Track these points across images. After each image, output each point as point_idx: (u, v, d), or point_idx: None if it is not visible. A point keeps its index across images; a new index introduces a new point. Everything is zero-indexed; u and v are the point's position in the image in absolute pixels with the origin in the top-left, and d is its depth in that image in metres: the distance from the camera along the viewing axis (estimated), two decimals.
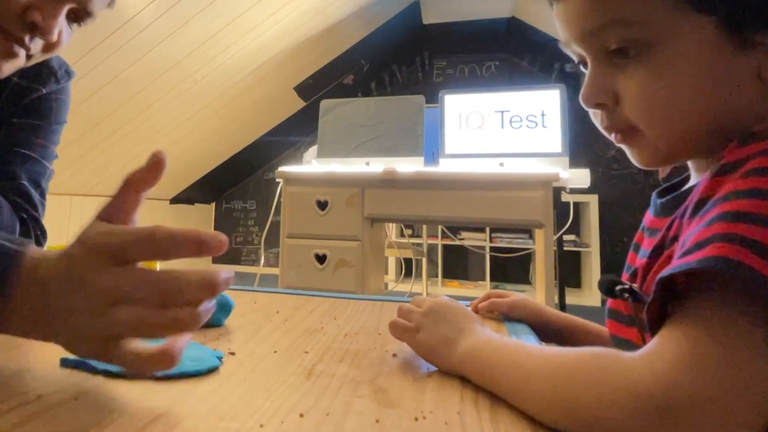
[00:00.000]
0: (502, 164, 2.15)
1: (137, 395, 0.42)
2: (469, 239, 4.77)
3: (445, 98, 2.30)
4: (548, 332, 0.74)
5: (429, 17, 4.70)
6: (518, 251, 4.61)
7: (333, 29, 4.24)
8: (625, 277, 0.55)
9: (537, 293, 2.00)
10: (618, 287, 0.50)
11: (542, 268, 1.96)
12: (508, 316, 0.78)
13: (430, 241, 4.64)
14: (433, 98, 2.44)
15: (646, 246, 0.52)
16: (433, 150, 2.38)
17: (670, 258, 0.45)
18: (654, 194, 0.57)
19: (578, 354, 0.40)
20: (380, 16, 4.63)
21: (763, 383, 0.33)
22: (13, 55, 0.65)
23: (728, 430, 0.32)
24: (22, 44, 0.65)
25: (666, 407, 0.32)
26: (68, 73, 0.89)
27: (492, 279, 4.85)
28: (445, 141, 2.27)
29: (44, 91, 0.85)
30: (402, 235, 4.63)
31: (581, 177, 2.15)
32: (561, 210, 2.54)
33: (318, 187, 2.15)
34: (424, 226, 3.97)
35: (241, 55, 3.71)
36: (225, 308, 0.68)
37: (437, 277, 4.96)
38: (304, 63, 4.56)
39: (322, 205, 2.12)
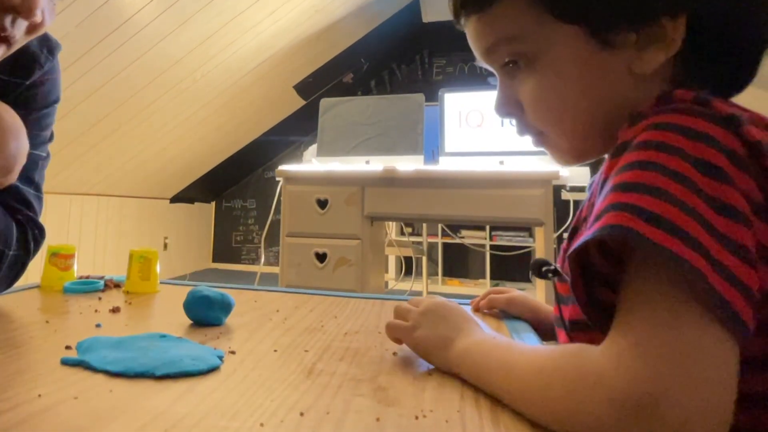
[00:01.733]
0: (502, 162, 2.14)
1: (137, 394, 0.42)
2: (469, 237, 4.77)
3: (444, 96, 2.30)
4: (545, 329, 0.75)
5: (428, 15, 4.70)
6: (518, 249, 4.61)
7: (332, 28, 4.23)
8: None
9: (537, 291, 2.00)
10: (544, 268, 0.56)
11: None
12: (506, 312, 0.79)
13: (430, 240, 4.65)
14: (432, 96, 2.44)
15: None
16: (433, 148, 2.37)
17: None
18: None
19: (557, 354, 0.41)
20: (380, 14, 4.63)
21: (715, 361, 0.34)
22: None
23: (699, 416, 0.32)
24: (4, 30, 0.61)
25: (636, 404, 0.33)
26: (51, 52, 0.82)
27: (492, 277, 4.85)
28: (445, 139, 2.26)
29: (27, 83, 0.79)
30: (402, 233, 4.63)
31: (581, 175, 2.15)
32: (561, 208, 2.54)
33: (318, 185, 2.15)
34: (424, 225, 3.97)
35: (241, 53, 3.71)
36: (225, 307, 0.68)
37: (437, 275, 4.96)
38: (304, 61, 4.56)
39: (322, 203, 2.12)
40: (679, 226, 0.36)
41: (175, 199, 5.36)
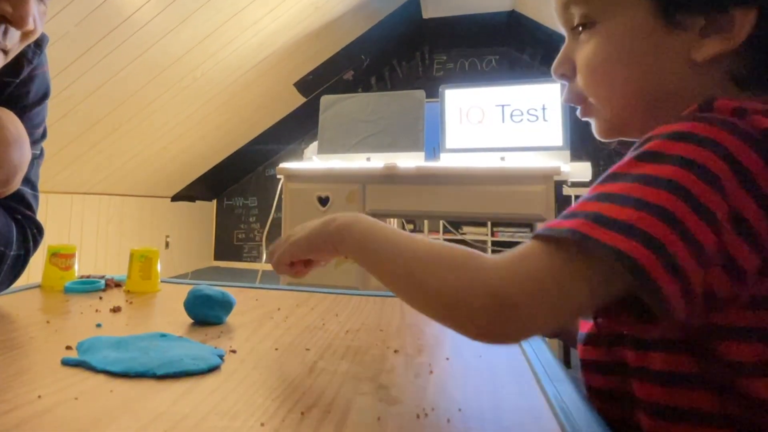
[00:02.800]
0: (503, 158, 2.14)
1: (138, 394, 0.42)
2: (470, 234, 4.76)
3: (445, 93, 2.29)
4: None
5: (429, 11, 4.68)
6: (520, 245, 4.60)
7: (332, 25, 4.22)
8: None
9: None
10: None
11: None
12: None
13: (431, 236, 4.63)
14: (433, 93, 2.43)
15: None
16: (433, 145, 2.37)
17: None
18: None
19: (452, 247, 0.44)
20: (379, 11, 4.61)
21: (564, 289, 0.38)
22: None
23: (546, 320, 0.38)
24: None
25: (502, 302, 0.38)
26: (39, 45, 0.80)
27: None
28: (446, 136, 2.26)
29: (18, 80, 0.78)
30: (403, 230, 4.62)
31: (583, 170, 2.14)
32: (563, 204, 2.53)
33: (319, 183, 2.14)
34: (426, 221, 3.97)
35: (241, 51, 3.70)
36: (226, 306, 0.68)
37: None
38: (304, 59, 4.55)
39: (323, 201, 2.12)
40: (625, 221, 0.37)
41: (176, 198, 5.36)
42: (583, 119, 0.58)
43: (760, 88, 0.48)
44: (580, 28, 0.53)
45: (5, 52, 0.64)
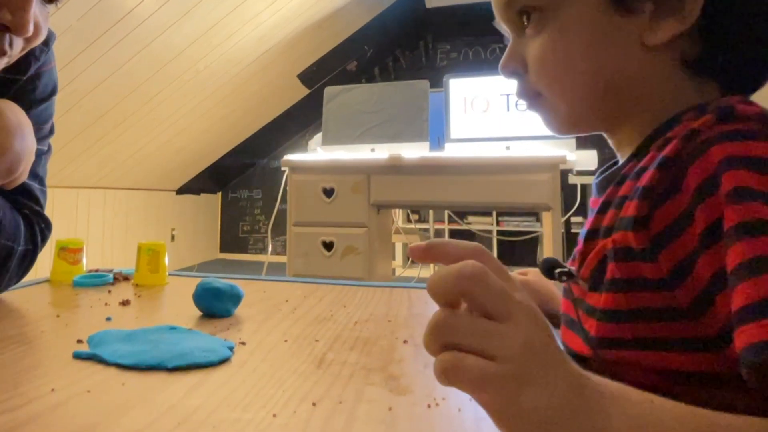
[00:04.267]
0: (508, 148, 2.13)
1: (149, 387, 0.42)
2: (476, 223, 4.75)
3: (449, 82, 2.28)
4: (555, 322, 0.73)
5: (432, 1, 4.65)
6: (526, 234, 4.60)
7: (335, 15, 4.20)
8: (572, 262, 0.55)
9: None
10: (557, 270, 0.51)
11: (550, 251, 1.96)
12: None
13: (437, 226, 4.64)
14: (437, 83, 2.42)
15: (586, 226, 0.54)
16: (438, 135, 2.36)
17: (603, 249, 0.45)
18: (594, 176, 0.58)
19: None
20: (382, 1, 4.59)
21: None
22: None
23: None
24: (2, 50, 0.61)
25: None
26: (46, 43, 0.81)
27: None
28: (451, 125, 2.25)
29: (25, 77, 0.79)
30: (408, 220, 4.62)
31: (588, 159, 2.13)
32: (568, 192, 2.53)
33: (323, 174, 2.15)
34: (431, 212, 3.97)
35: (243, 44, 3.69)
36: (235, 298, 0.68)
37: None
38: (307, 50, 4.54)
39: (328, 192, 2.12)
40: None
41: (181, 191, 5.37)
42: (531, 111, 0.57)
43: (712, 71, 0.48)
44: (526, 23, 0.52)
45: (9, 57, 0.65)
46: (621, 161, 0.54)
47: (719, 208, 0.37)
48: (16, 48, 0.64)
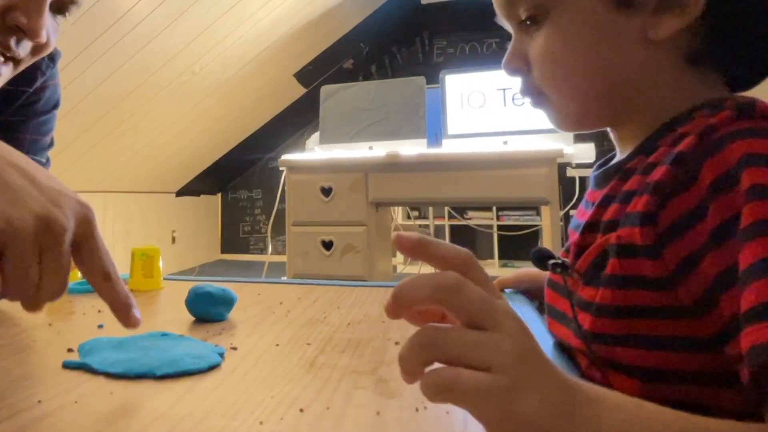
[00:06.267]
0: (505, 142, 2.13)
1: (137, 396, 0.42)
2: (476, 219, 4.75)
3: (446, 78, 2.28)
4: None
5: None
6: (526, 228, 4.59)
7: (330, 13, 4.20)
8: (562, 253, 0.55)
9: None
10: (551, 261, 0.52)
11: (550, 244, 1.95)
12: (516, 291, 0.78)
13: (436, 222, 4.64)
14: (434, 79, 2.42)
15: (580, 217, 0.54)
16: (435, 131, 2.35)
17: (604, 243, 0.45)
18: (593, 169, 0.58)
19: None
20: None
21: None
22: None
23: None
24: (9, 50, 0.61)
25: None
26: (52, 59, 0.84)
27: (500, 257, 4.85)
28: (448, 121, 2.25)
29: (31, 90, 0.83)
30: (408, 217, 4.62)
31: (586, 151, 2.12)
32: (567, 185, 2.52)
33: (321, 173, 2.14)
34: (430, 208, 3.96)
35: (239, 44, 3.69)
36: (227, 302, 0.68)
37: None
38: (303, 49, 4.53)
39: (327, 191, 2.12)
40: None
41: (180, 193, 5.37)
42: (536, 108, 0.57)
43: (715, 65, 0.47)
44: (528, 21, 0.52)
45: (16, 63, 0.65)
46: (621, 155, 0.54)
47: (736, 205, 0.37)
48: (25, 51, 0.64)
